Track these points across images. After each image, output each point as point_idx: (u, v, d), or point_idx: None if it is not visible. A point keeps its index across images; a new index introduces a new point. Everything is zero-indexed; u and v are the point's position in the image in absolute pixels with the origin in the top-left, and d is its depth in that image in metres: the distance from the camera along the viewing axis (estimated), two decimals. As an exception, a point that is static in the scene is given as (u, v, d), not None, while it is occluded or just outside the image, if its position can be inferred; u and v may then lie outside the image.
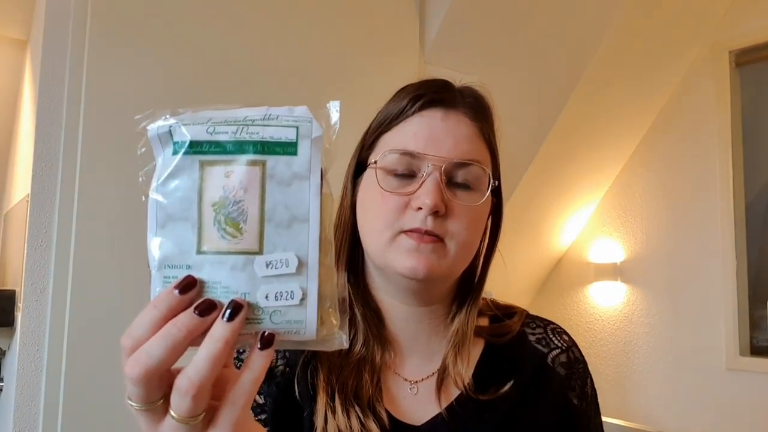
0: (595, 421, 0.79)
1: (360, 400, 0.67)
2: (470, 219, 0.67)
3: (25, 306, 1.53)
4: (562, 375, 0.75)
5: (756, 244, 2.78)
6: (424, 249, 0.64)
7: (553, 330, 0.79)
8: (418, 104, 0.67)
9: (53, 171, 1.56)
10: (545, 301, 3.50)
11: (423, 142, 0.65)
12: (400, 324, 0.73)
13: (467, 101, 0.70)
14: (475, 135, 0.68)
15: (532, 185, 2.84)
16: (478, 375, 0.72)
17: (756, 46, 2.76)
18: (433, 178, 0.64)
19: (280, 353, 0.73)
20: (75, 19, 1.59)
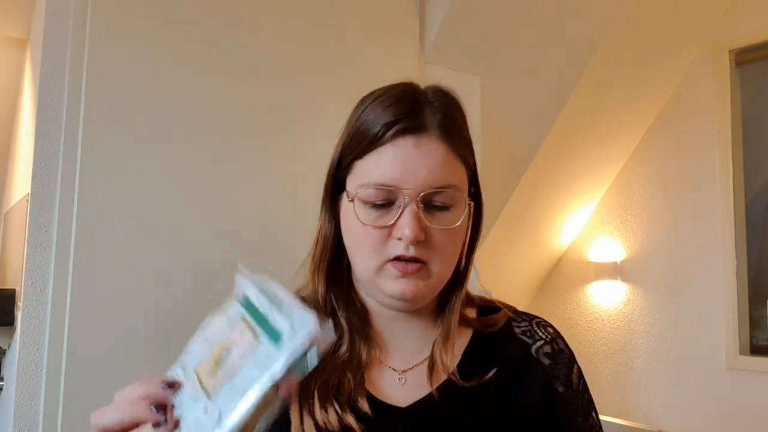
0: (587, 411, 0.78)
1: (341, 394, 0.69)
2: (450, 238, 0.70)
3: (25, 305, 1.53)
4: (545, 365, 0.76)
5: (756, 243, 2.78)
6: (410, 276, 0.69)
7: (538, 323, 0.81)
8: (390, 133, 0.68)
9: (53, 170, 1.56)
10: (545, 300, 3.50)
11: (398, 173, 0.67)
12: (388, 323, 0.76)
13: (437, 118, 0.70)
14: (448, 156, 0.70)
15: (532, 184, 2.84)
16: (464, 363, 0.74)
17: (756, 45, 2.76)
18: (410, 209, 0.67)
19: None
20: (75, 18, 1.59)
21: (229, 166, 1.79)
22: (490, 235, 2.88)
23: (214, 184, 1.76)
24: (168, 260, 1.67)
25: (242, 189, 1.81)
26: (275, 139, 1.88)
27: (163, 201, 1.67)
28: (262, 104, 1.86)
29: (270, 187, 1.85)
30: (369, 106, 0.72)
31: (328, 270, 0.76)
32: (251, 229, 1.80)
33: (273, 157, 1.87)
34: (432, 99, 0.72)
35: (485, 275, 2.84)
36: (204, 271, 1.72)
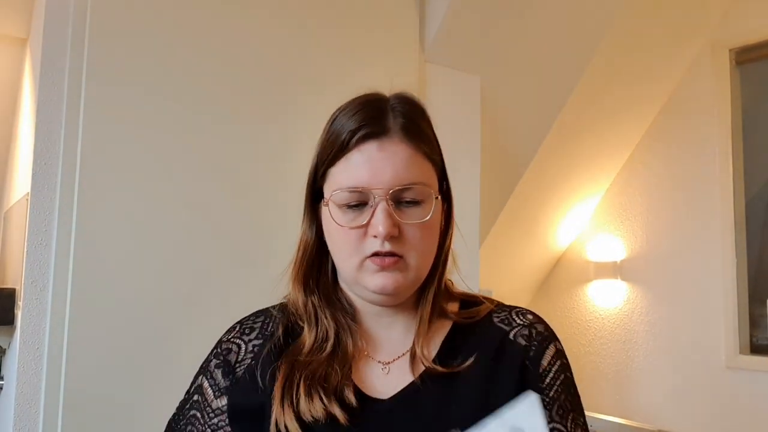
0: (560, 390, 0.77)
1: (327, 384, 0.72)
2: (423, 232, 0.75)
3: (25, 304, 1.53)
4: (521, 345, 0.78)
5: (756, 242, 2.78)
6: (388, 270, 0.73)
7: (517, 312, 0.83)
8: (354, 139, 0.74)
9: (53, 169, 1.56)
10: (545, 299, 3.50)
11: (366, 176, 0.72)
12: (374, 319, 0.80)
13: (399, 122, 0.75)
14: (412, 156, 0.74)
15: (532, 183, 2.84)
16: (443, 352, 0.78)
17: (756, 45, 2.76)
18: (381, 207, 0.72)
19: (247, 346, 0.80)
20: (75, 17, 1.59)
21: (229, 166, 1.79)
22: (490, 234, 2.88)
23: (213, 183, 1.76)
24: (168, 259, 1.67)
25: (242, 189, 1.81)
26: (275, 138, 1.88)
27: (163, 200, 1.67)
28: (261, 104, 1.86)
29: (270, 186, 1.85)
30: (337, 117, 0.77)
31: (306, 276, 0.80)
32: (252, 228, 1.80)
33: (273, 157, 1.86)
34: (394, 105, 0.77)
35: (485, 274, 2.84)
36: (203, 270, 1.72)
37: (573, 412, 0.77)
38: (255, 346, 0.80)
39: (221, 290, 1.72)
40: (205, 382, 0.80)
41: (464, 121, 2.40)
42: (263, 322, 0.82)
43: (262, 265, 1.74)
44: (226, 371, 0.79)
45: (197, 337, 0.87)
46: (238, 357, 0.79)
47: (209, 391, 0.79)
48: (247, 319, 0.84)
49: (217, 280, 1.73)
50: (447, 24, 2.23)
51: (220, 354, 0.80)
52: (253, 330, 0.82)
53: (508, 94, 2.55)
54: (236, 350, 0.80)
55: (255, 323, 0.83)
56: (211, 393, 0.79)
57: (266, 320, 0.83)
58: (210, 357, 0.82)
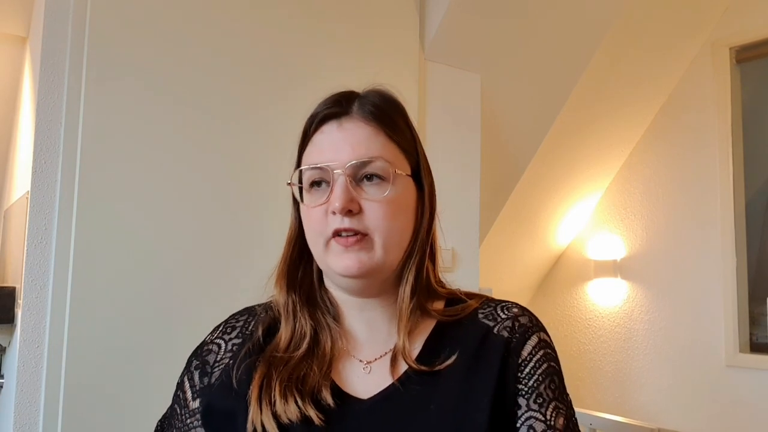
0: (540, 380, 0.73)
1: (304, 386, 0.71)
2: (387, 209, 0.73)
3: (25, 303, 1.53)
4: (504, 337, 0.76)
5: (756, 241, 2.78)
6: (351, 250, 0.72)
7: (502, 307, 0.80)
8: (315, 123, 0.77)
9: (53, 168, 1.56)
10: (545, 298, 3.50)
11: (324, 153, 0.74)
12: (355, 314, 0.79)
13: (363, 106, 0.76)
14: (373, 134, 0.74)
15: (533, 182, 2.84)
16: (424, 351, 0.76)
17: (756, 43, 2.76)
18: (339, 183, 0.71)
19: (227, 346, 0.79)
20: (74, 16, 1.59)
21: (229, 165, 1.79)
22: (490, 232, 2.88)
23: (214, 182, 1.76)
24: (167, 257, 1.67)
25: (242, 188, 1.81)
26: (275, 137, 1.87)
27: (163, 198, 1.67)
28: (261, 103, 1.86)
29: (271, 186, 1.85)
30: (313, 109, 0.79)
31: (288, 274, 0.80)
32: (252, 228, 1.80)
33: (273, 156, 1.86)
34: (364, 95, 0.78)
35: (485, 273, 2.84)
36: (204, 269, 1.72)
37: (555, 401, 0.73)
38: (234, 345, 0.79)
39: (222, 289, 1.72)
40: (186, 382, 0.79)
41: (464, 119, 2.40)
42: (245, 321, 0.82)
43: (263, 264, 1.74)
44: (204, 372, 0.78)
45: (197, 336, 0.87)
46: (217, 357, 0.78)
47: (188, 393, 0.78)
48: (232, 318, 0.84)
49: (218, 279, 1.73)
50: (447, 22, 2.23)
51: (200, 355, 0.80)
52: (234, 329, 0.81)
53: (508, 93, 2.55)
54: (216, 350, 0.79)
55: (237, 322, 0.82)
56: (189, 394, 0.78)
57: (249, 319, 0.82)
58: (192, 357, 0.81)
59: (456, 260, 2.21)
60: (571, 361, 3.30)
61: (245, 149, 1.83)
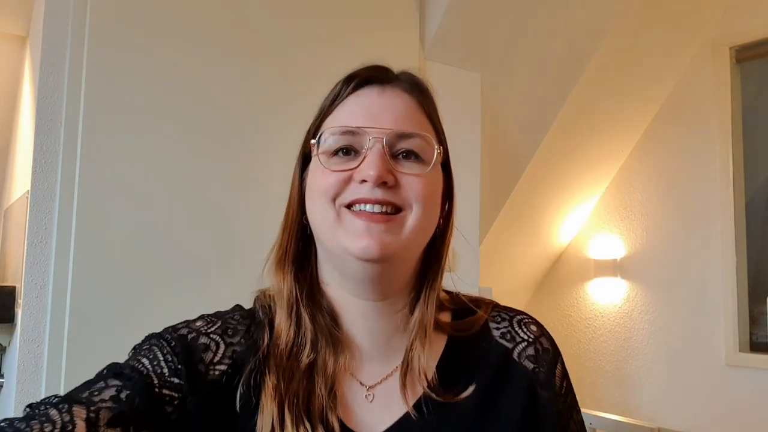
0: (569, 415, 0.71)
1: (311, 411, 0.62)
2: (423, 189, 0.63)
3: (25, 302, 1.53)
4: (529, 369, 0.69)
5: (756, 240, 2.78)
6: (375, 229, 0.61)
7: (520, 321, 0.73)
8: (352, 85, 0.67)
9: (53, 167, 1.56)
10: (545, 297, 3.50)
11: (362, 117, 0.64)
12: (357, 321, 0.68)
13: (404, 80, 0.69)
14: (415, 108, 0.67)
15: (533, 181, 2.84)
16: (440, 372, 0.67)
17: (756, 43, 2.76)
18: (375, 150, 0.61)
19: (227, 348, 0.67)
20: (74, 15, 1.59)
21: (229, 164, 1.79)
22: (490, 231, 2.88)
23: (214, 182, 1.76)
24: (167, 257, 1.67)
25: (243, 188, 1.81)
26: (275, 137, 1.87)
27: (163, 197, 1.67)
28: (261, 102, 1.86)
29: (271, 185, 1.84)
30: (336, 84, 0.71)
31: (295, 257, 0.69)
32: (253, 228, 1.80)
33: (273, 156, 1.86)
34: (401, 72, 0.71)
35: (485, 272, 2.83)
36: (204, 268, 1.72)
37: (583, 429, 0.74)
38: (236, 352, 0.66)
39: (222, 288, 1.72)
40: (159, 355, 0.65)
41: (464, 118, 2.40)
42: (248, 327, 0.69)
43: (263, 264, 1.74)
44: (194, 360, 0.64)
45: (197, 335, 0.87)
46: (215, 358, 0.65)
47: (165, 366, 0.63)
48: (231, 317, 0.71)
49: (218, 279, 1.73)
50: (447, 21, 2.23)
51: (195, 349, 0.65)
52: (237, 333, 0.68)
53: (508, 92, 2.55)
54: (214, 349, 0.66)
55: (240, 324, 0.70)
56: (167, 370, 0.63)
57: (251, 325, 0.70)
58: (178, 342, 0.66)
59: (456, 260, 2.20)
60: (571, 361, 3.28)
61: (245, 149, 1.83)
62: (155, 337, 0.68)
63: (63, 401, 0.56)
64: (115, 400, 0.58)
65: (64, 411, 0.54)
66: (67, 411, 0.54)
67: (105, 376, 0.62)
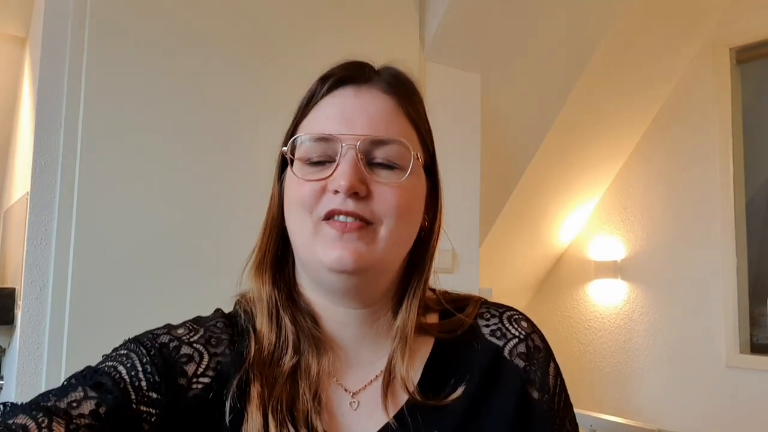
0: (564, 414, 0.70)
1: (295, 416, 0.60)
2: (398, 199, 0.60)
3: (24, 304, 1.53)
4: (520, 367, 0.67)
5: (756, 241, 2.78)
6: (348, 238, 0.59)
7: (510, 318, 0.71)
8: (326, 85, 0.64)
9: (53, 168, 1.56)
10: (545, 298, 3.50)
11: (335, 123, 0.61)
12: (338, 328, 0.66)
13: (383, 78, 0.65)
14: (393, 110, 0.63)
15: (533, 182, 2.84)
16: (426, 377, 0.65)
17: (756, 44, 2.76)
18: (348, 158, 0.59)
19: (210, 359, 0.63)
20: (74, 16, 1.59)
21: (229, 164, 1.79)
22: (490, 232, 2.88)
23: (214, 184, 1.76)
24: (167, 258, 1.67)
25: (243, 188, 1.81)
26: (275, 137, 1.87)
27: (163, 198, 1.67)
28: (261, 103, 1.86)
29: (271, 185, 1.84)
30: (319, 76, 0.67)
31: (274, 260, 0.68)
32: (253, 227, 1.80)
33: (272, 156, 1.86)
34: (382, 69, 0.67)
35: (485, 273, 2.83)
36: (204, 268, 1.72)
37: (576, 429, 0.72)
38: (220, 363, 0.63)
39: (222, 289, 1.72)
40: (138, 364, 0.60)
41: (464, 119, 2.40)
42: (231, 337, 0.66)
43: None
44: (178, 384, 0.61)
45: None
46: (198, 370, 0.62)
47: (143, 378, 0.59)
48: (214, 325, 0.68)
49: (218, 279, 1.72)
50: (447, 22, 2.23)
51: (176, 361, 0.62)
52: (221, 342, 0.65)
53: (508, 93, 2.55)
54: (197, 360, 0.63)
55: (223, 335, 0.66)
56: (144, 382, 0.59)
57: (234, 335, 0.67)
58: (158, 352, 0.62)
59: (456, 261, 2.20)
60: (572, 362, 3.29)
61: (245, 149, 1.82)
62: (134, 342, 0.63)
63: (41, 412, 0.51)
64: (94, 416, 0.54)
65: (44, 426, 0.50)
66: (47, 426, 0.50)
67: (82, 383, 0.58)
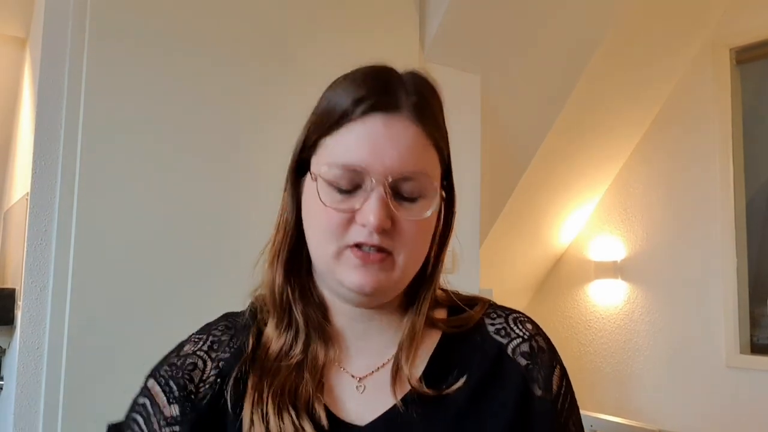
0: (569, 415, 0.71)
1: (297, 400, 0.64)
2: (418, 231, 0.65)
3: (25, 304, 1.53)
4: (522, 365, 0.69)
5: (756, 241, 2.78)
6: (370, 267, 0.64)
7: (515, 319, 0.73)
8: (359, 109, 0.64)
9: (53, 169, 1.56)
10: (545, 299, 3.50)
11: (366, 153, 0.63)
12: (347, 321, 0.70)
13: (411, 100, 0.66)
14: (421, 142, 0.65)
15: (533, 182, 2.84)
16: (430, 369, 0.68)
17: (756, 44, 2.76)
18: (377, 193, 0.62)
19: (213, 363, 0.70)
20: (74, 17, 1.59)
21: (229, 165, 1.79)
22: (490, 233, 2.88)
23: (214, 183, 1.76)
24: (168, 258, 1.67)
25: (243, 188, 1.81)
26: (275, 138, 1.87)
27: (163, 199, 1.67)
28: (261, 103, 1.86)
29: (270, 186, 1.84)
30: (340, 84, 0.68)
31: (288, 258, 0.71)
32: (253, 227, 1.80)
33: (273, 156, 1.86)
34: (407, 80, 0.68)
35: (485, 273, 2.83)
36: (204, 270, 1.72)
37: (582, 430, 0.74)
38: (221, 361, 0.70)
39: (223, 289, 1.72)
40: (158, 389, 0.70)
41: (465, 120, 2.40)
42: (231, 336, 0.72)
43: (262, 264, 1.74)
44: (186, 382, 0.69)
45: (197, 337, 0.87)
46: (203, 375, 0.69)
47: (163, 400, 0.69)
48: (216, 329, 0.75)
49: (219, 280, 1.73)
50: (447, 23, 2.23)
51: (181, 366, 0.71)
52: (221, 344, 0.72)
53: (508, 93, 2.55)
54: (201, 367, 0.70)
55: (223, 335, 0.73)
56: (164, 400, 0.69)
57: (234, 334, 0.73)
58: (169, 368, 0.72)
59: (456, 261, 2.20)
60: (572, 362, 3.28)
61: (246, 150, 1.83)
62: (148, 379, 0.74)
63: None
64: None
65: None
66: None
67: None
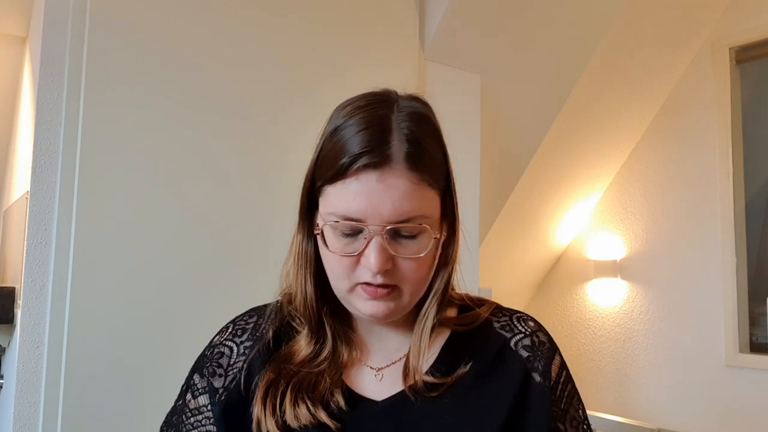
0: (569, 401, 0.77)
1: (315, 392, 0.72)
2: (418, 265, 0.71)
3: (24, 303, 1.53)
4: (523, 357, 0.77)
5: (756, 241, 2.78)
6: (380, 300, 0.71)
7: (519, 318, 0.81)
8: (354, 167, 0.68)
9: (53, 168, 1.56)
10: (545, 298, 3.50)
11: (363, 207, 0.68)
12: (368, 326, 0.79)
13: (403, 149, 0.69)
14: (414, 188, 0.69)
15: (533, 182, 2.84)
16: (439, 361, 0.76)
17: (756, 43, 2.76)
18: (375, 241, 0.68)
19: (238, 348, 0.79)
20: (74, 16, 1.59)
21: (230, 166, 1.79)
22: (490, 232, 2.88)
23: (214, 182, 1.76)
24: (168, 257, 1.67)
25: (243, 188, 1.81)
26: (274, 138, 1.87)
27: (163, 199, 1.67)
28: (262, 103, 1.86)
29: (271, 185, 1.85)
30: (340, 127, 0.71)
31: (316, 279, 0.77)
32: (252, 227, 1.80)
33: (273, 156, 1.86)
34: (401, 121, 0.70)
35: (485, 273, 2.83)
36: (204, 269, 1.72)
37: (584, 422, 0.78)
38: (246, 348, 0.78)
39: (222, 289, 1.72)
40: (197, 383, 0.79)
41: (464, 119, 2.40)
42: (255, 323, 0.81)
43: (263, 264, 1.74)
44: (217, 373, 0.78)
45: (198, 337, 0.87)
46: (231, 360, 0.78)
47: (201, 394, 0.78)
48: (240, 319, 0.83)
49: (218, 279, 1.73)
50: (447, 22, 2.23)
51: (211, 357, 0.79)
52: (245, 331, 0.80)
53: (508, 93, 2.55)
54: (228, 353, 0.78)
55: (247, 324, 0.81)
56: (201, 395, 0.78)
57: (259, 320, 0.81)
58: (202, 359, 0.80)
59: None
60: (571, 362, 3.27)
61: (246, 149, 1.83)
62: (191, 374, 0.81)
63: None
64: None
65: None
66: None
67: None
